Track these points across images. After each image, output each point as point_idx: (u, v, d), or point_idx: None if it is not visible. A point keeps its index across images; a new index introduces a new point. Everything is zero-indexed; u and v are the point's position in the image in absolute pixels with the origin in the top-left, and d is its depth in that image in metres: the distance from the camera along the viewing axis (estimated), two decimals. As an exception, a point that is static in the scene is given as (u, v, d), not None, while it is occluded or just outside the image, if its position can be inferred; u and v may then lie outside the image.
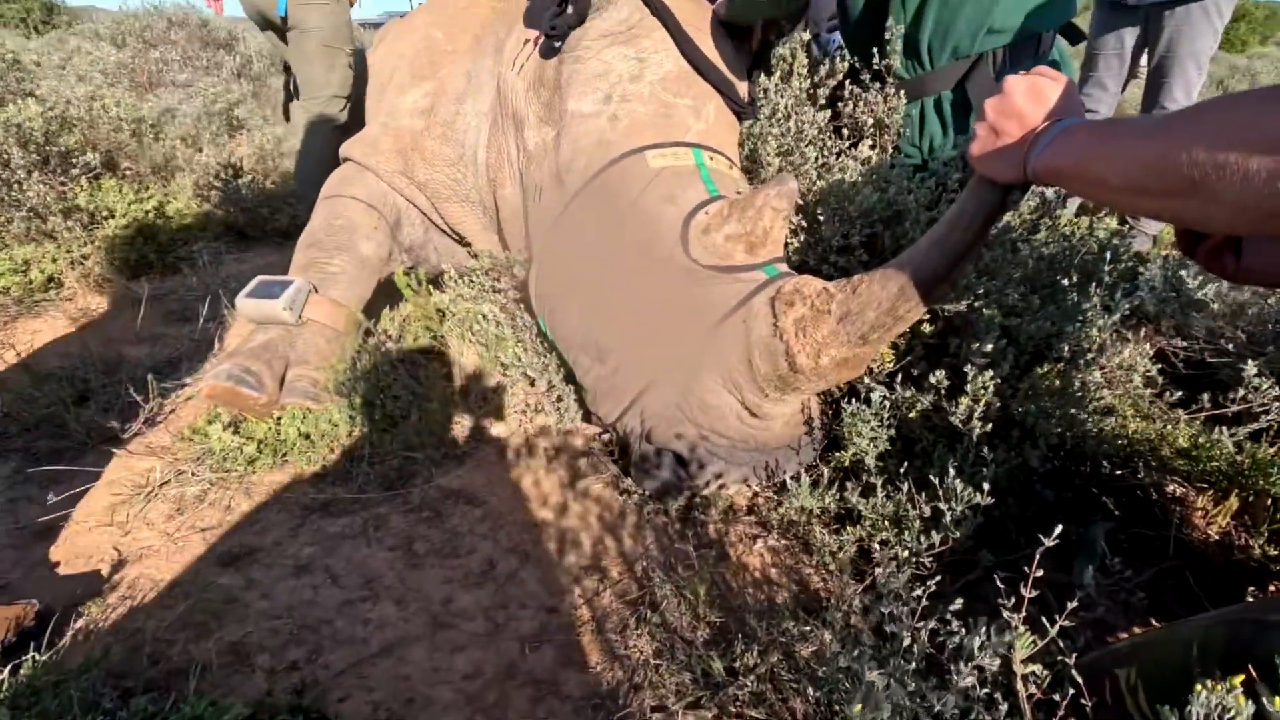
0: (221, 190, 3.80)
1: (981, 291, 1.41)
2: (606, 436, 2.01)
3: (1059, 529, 0.93)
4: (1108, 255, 1.86)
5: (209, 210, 3.84)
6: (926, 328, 1.45)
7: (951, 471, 1.25)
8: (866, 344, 1.38)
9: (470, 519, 1.75)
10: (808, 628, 1.36)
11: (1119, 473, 1.70)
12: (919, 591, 1.16)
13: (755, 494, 1.79)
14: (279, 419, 1.92)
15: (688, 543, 1.66)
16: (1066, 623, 0.98)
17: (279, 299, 1.94)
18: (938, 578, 1.23)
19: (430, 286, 2.44)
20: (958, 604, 1.07)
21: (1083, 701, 0.97)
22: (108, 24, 6.44)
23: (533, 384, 2.18)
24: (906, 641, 1.11)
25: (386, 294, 2.62)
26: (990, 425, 1.32)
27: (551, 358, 2.13)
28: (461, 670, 1.35)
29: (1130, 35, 3.55)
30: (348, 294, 2.14)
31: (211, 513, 1.76)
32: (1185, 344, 1.86)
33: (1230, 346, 1.74)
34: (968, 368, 1.27)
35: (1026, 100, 1.07)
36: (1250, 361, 1.51)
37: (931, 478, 1.32)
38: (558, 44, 1.92)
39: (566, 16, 1.84)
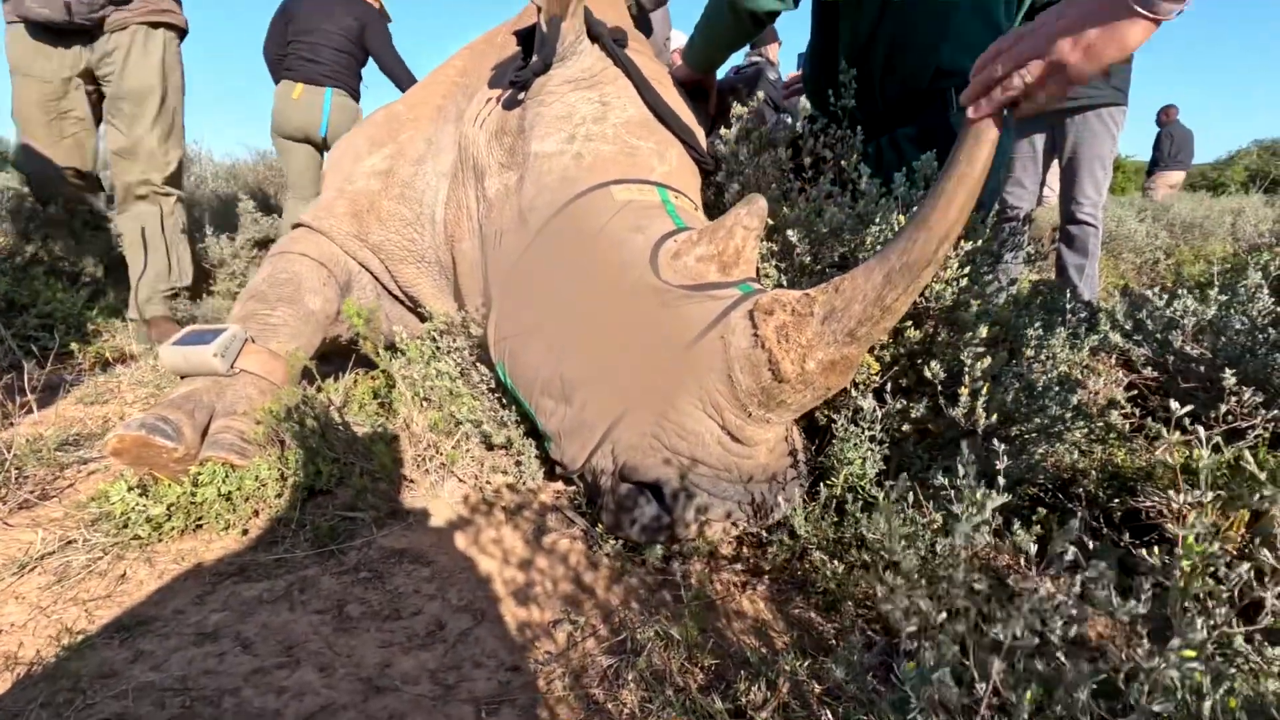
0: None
1: (966, 284, 1.37)
2: (573, 490, 1.83)
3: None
4: (1067, 293, 1.88)
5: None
6: (912, 332, 1.40)
7: (961, 470, 1.14)
8: (855, 341, 1.30)
9: (416, 579, 1.51)
10: (818, 666, 1.16)
11: (1115, 501, 1.62)
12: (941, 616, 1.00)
13: (740, 540, 1.62)
14: (196, 477, 1.67)
15: (669, 592, 1.46)
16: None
17: (210, 344, 1.77)
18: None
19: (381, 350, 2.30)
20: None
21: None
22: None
23: (490, 446, 2.00)
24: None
25: (333, 363, 2.46)
26: (995, 417, 1.23)
27: (510, 412, 1.98)
28: (401, 740, 1.08)
29: (1039, 140, 3.92)
30: (288, 347, 1.98)
31: (99, 583, 1.47)
32: (1155, 374, 1.86)
33: (1201, 369, 1.74)
34: (964, 355, 1.20)
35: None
36: (1228, 369, 1.49)
37: (938, 482, 1.20)
38: (521, 95, 1.95)
39: (533, 64, 1.88)
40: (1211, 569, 0.72)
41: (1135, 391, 1.80)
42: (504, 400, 2.02)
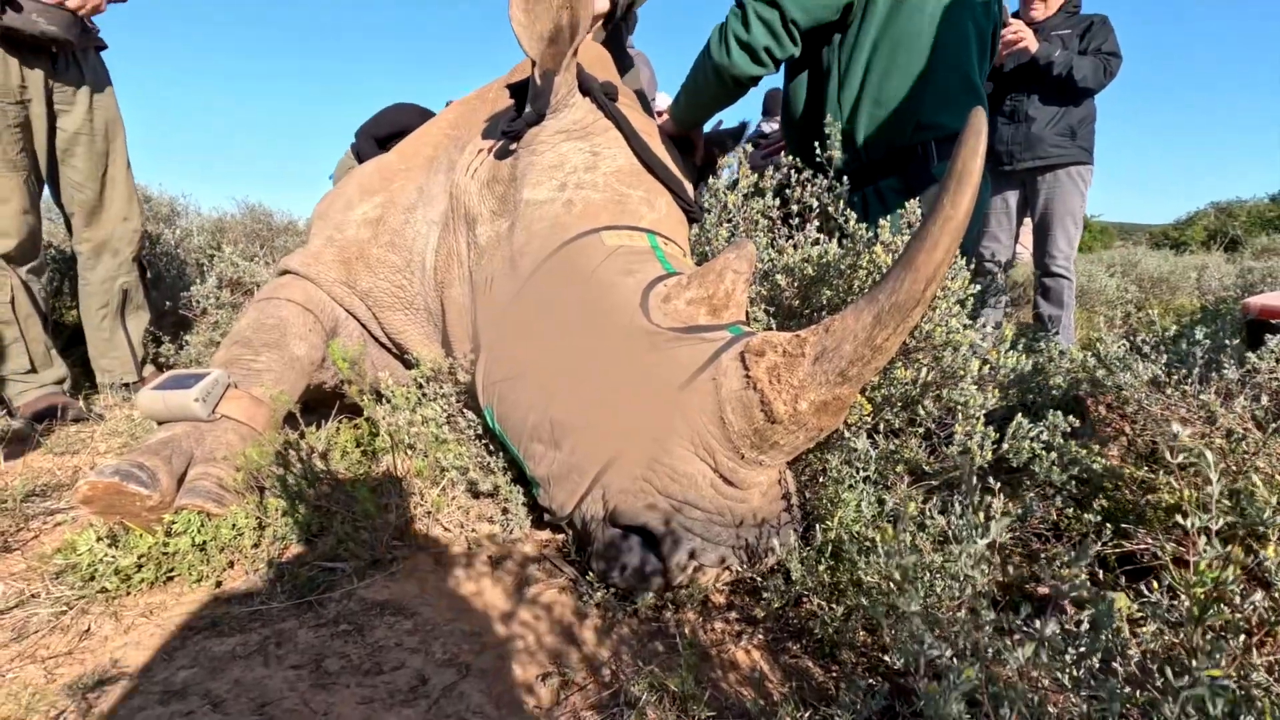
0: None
1: (954, 323, 1.39)
2: (560, 538, 1.79)
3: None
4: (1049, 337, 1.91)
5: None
6: (903, 371, 1.40)
7: (958, 508, 1.13)
8: (846, 382, 1.31)
9: (398, 632, 1.45)
10: (818, 716, 1.12)
11: (1110, 544, 1.61)
12: (941, 652, 0.98)
13: (734, 587, 1.58)
14: (170, 526, 1.61)
15: (661, 642, 1.41)
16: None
17: (191, 389, 1.73)
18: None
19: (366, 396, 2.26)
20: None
21: None
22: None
23: (476, 494, 1.96)
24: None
25: (316, 411, 2.42)
26: (990, 456, 1.22)
27: (497, 459, 1.95)
28: (380, 803, 1.01)
29: (1012, 196, 4.07)
30: (272, 393, 1.94)
31: (61, 639, 1.39)
32: (1131, 416, 1.88)
33: (1186, 408, 1.76)
34: (957, 393, 1.21)
35: None
36: (1220, 409, 1.51)
37: (935, 522, 1.19)
38: (513, 145, 2.00)
39: (526, 115, 1.93)
40: (1224, 598, 0.71)
41: (1124, 437, 1.82)
42: (491, 446, 1.99)
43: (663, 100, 5.81)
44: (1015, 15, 3.90)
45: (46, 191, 2.93)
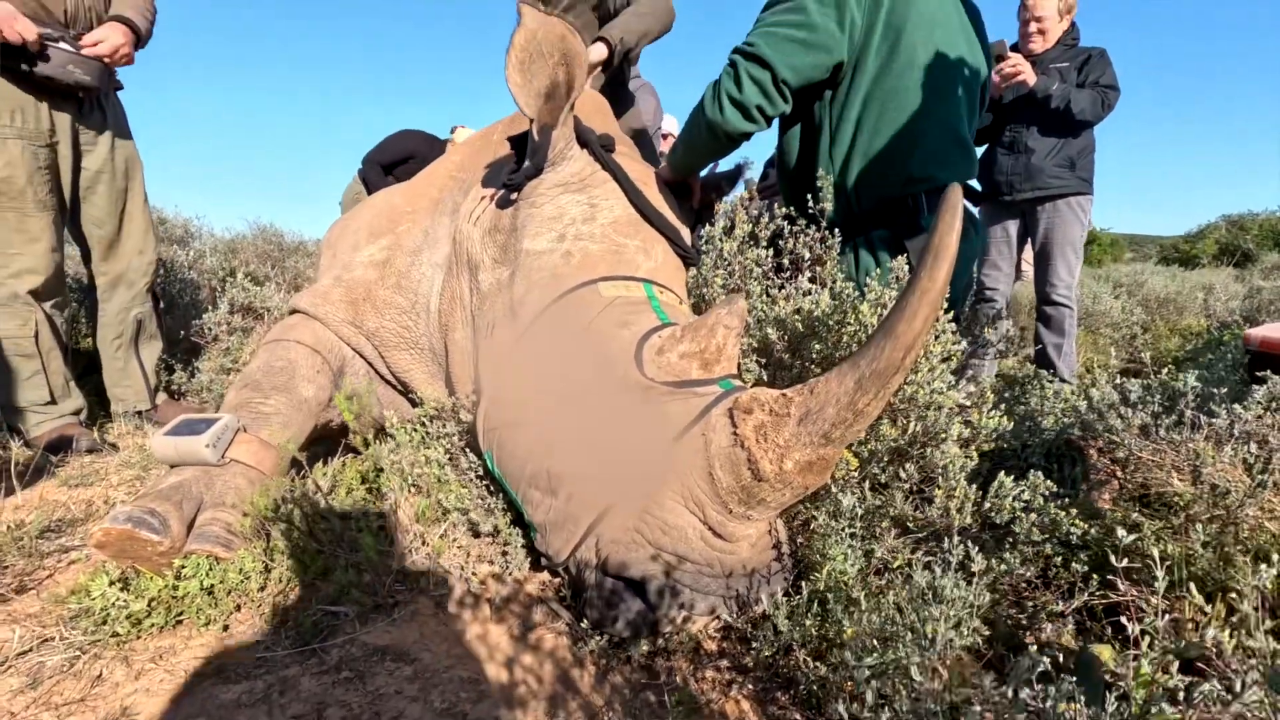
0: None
1: (938, 385, 1.43)
2: (558, 581, 1.83)
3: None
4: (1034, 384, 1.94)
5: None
6: (889, 429, 1.44)
7: (938, 570, 1.17)
8: (830, 443, 1.35)
9: (398, 679, 1.49)
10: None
11: (1097, 593, 1.63)
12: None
13: (725, 633, 1.61)
14: (180, 570, 1.67)
15: (653, 693, 1.44)
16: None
17: (202, 435, 1.79)
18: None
19: (370, 437, 2.32)
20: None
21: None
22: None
23: (477, 535, 2.01)
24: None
25: (322, 446, 2.48)
26: (969, 519, 1.26)
27: (497, 500, 2.00)
28: None
29: (1012, 226, 4.11)
30: (280, 435, 2.00)
31: (75, 685, 1.45)
32: (1122, 461, 1.91)
33: (1181, 451, 1.79)
34: (939, 454, 1.25)
35: None
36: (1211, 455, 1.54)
37: (919, 578, 1.22)
38: (514, 195, 2.06)
39: (525, 169, 1.99)
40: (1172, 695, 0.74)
41: (1116, 480, 1.85)
42: (491, 487, 2.04)
43: (669, 123, 5.84)
44: (1014, 48, 3.96)
45: None
